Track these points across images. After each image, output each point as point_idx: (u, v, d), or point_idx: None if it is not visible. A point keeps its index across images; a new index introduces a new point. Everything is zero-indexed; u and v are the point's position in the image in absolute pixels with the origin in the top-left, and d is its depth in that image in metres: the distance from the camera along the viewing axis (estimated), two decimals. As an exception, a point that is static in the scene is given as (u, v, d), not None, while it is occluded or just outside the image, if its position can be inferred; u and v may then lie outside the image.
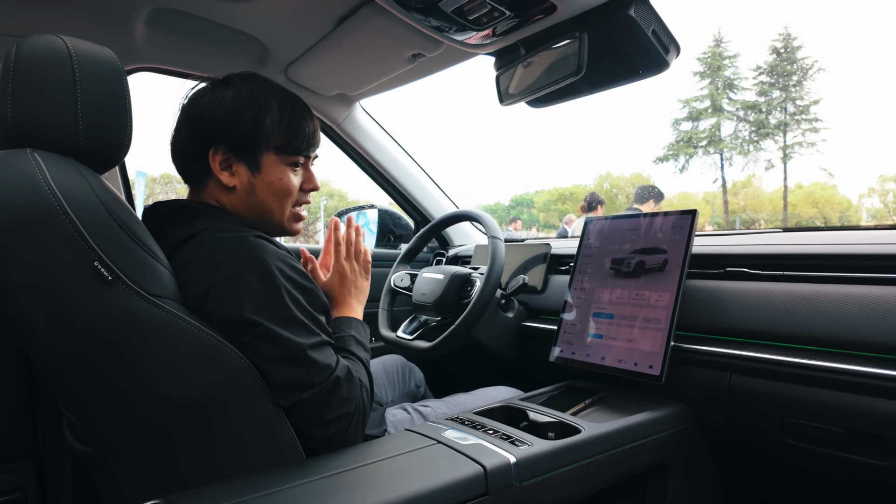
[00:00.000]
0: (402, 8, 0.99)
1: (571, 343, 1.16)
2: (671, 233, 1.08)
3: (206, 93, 0.86)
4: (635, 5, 0.94)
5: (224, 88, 0.85)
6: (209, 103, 0.84)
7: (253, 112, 0.84)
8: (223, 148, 0.84)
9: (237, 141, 0.84)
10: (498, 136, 69.84)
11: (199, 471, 0.70)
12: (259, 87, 0.86)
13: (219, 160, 0.84)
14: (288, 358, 0.73)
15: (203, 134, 0.84)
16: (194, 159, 0.86)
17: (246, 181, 0.86)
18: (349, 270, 1.03)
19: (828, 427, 0.85)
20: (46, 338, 0.63)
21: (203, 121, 0.84)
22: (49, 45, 0.68)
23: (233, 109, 0.83)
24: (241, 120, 0.83)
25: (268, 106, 0.85)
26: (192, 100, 0.86)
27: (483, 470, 0.71)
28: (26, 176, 0.63)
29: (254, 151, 0.85)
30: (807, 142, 26.25)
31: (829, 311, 0.87)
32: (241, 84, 0.85)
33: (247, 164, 0.85)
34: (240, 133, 0.84)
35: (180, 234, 0.79)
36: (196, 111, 0.84)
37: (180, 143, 0.87)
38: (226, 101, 0.84)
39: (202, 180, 0.87)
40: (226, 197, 0.87)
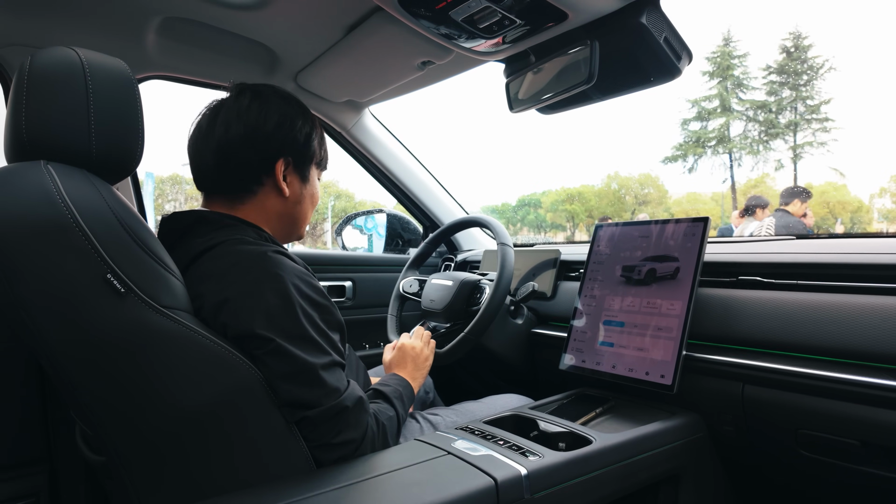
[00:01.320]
0: (411, 16, 0.99)
1: (582, 351, 1.15)
2: (683, 240, 1.07)
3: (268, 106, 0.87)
4: (647, 13, 0.93)
5: (284, 103, 0.89)
6: (282, 118, 0.87)
7: (308, 127, 0.90)
8: (291, 160, 0.88)
9: (301, 154, 0.90)
10: (505, 136, 69.79)
11: (211, 481, 0.70)
12: (297, 102, 0.92)
13: (282, 170, 0.87)
14: (298, 376, 0.72)
15: (276, 147, 0.86)
16: (255, 172, 0.87)
17: (297, 192, 0.90)
18: (410, 347, 1.17)
19: (843, 439, 0.84)
20: (59, 349, 0.64)
21: (279, 135, 0.86)
22: (62, 58, 0.68)
23: (303, 125, 0.89)
24: (308, 135, 0.90)
25: (315, 122, 0.93)
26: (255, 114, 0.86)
27: (494, 482, 0.71)
28: (40, 189, 0.63)
29: (308, 164, 0.91)
30: (817, 141, 26.03)
31: (845, 321, 0.86)
32: (293, 99, 0.91)
33: (300, 175, 0.91)
34: (306, 147, 0.90)
35: (199, 244, 0.79)
36: (271, 126, 0.86)
37: (240, 157, 0.85)
38: (295, 117, 0.88)
39: (250, 191, 0.87)
40: (274, 206, 0.89)
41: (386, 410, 0.88)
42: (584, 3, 0.92)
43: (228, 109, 0.86)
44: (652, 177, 36.41)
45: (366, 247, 2.12)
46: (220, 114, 0.86)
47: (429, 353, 1.18)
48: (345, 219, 2.11)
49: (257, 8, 1.14)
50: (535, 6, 0.91)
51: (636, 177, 36.56)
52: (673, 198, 36.95)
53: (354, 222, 2.11)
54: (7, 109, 0.69)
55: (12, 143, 0.69)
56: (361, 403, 0.78)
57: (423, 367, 1.15)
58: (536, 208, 42.18)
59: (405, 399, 0.97)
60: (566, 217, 39.42)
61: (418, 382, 1.11)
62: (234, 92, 0.89)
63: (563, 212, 39.27)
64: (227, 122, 0.85)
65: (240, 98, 0.87)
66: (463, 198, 1.98)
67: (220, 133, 0.85)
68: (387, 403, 0.91)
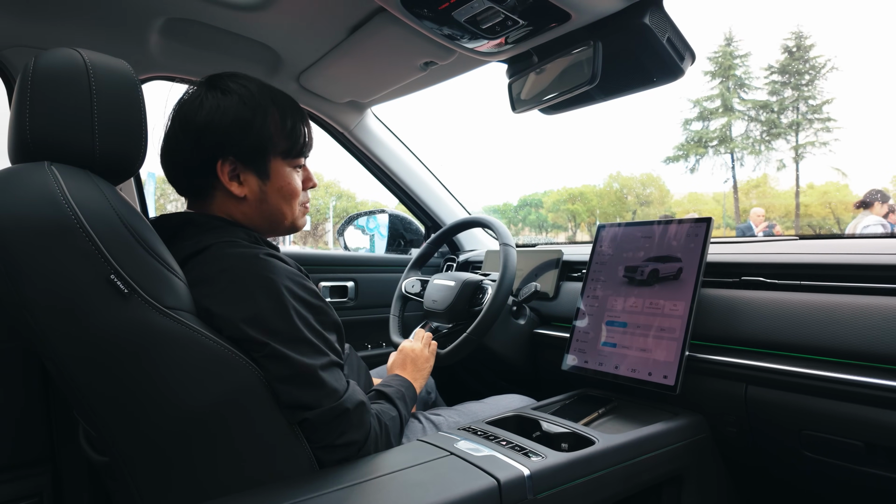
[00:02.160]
0: (414, 17, 0.99)
1: (584, 352, 1.15)
2: (686, 241, 1.07)
3: (201, 101, 0.81)
4: (650, 13, 0.93)
5: (222, 95, 0.81)
6: (212, 114, 0.80)
7: (259, 119, 0.81)
8: (231, 159, 0.81)
9: (246, 150, 0.81)
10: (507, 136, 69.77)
11: (215, 481, 0.70)
12: (257, 90, 0.83)
13: (227, 171, 0.81)
14: (296, 378, 0.72)
15: (210, 146, 0.80)
16: (198, 173, 0.83)
17: (256, 189, 0.84)
18: (410, 349, 1.17)
19: (847, 440, 0.84)
20: (64, 350, 0.64)
21: (209, 133, 0.80)
22: (66, 59, 0.69)
23: (239, 118, 0.80)
24: (249, 129, 0.81)
25: (271, 111, 0.83)
26: (189, 110, 0.81)
27: (497, 483, 0.71)
28: (44, 190, 0.63)
29: (262, 159, 0.83)
30: (819, 141, 25.97)
31: (848, 321, 0.85)
32: (239, 89, 0.82)
33: (256, 172, 0.83)
34: (249, 142, 0.81)
35: (187, 248, 0.77)
36: (199, 123, 0.80)
37: (181, 157, 0.83)
38: (231, 110, 0.80)
39: (207, 192, 0.84)
40: (235, 207, 0.85)
41: (388, 411, 0.88)
42: (587, 4, 0.92)
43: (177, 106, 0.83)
44: (654, 177, 36.37)
45: (368, 247, 2.12)
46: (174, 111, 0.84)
47: (429, 355, 1.18)
48: (347, 219, 2.11)
49: (260, 9, 1.14)
50: (538, 7, 0.91)
51: (638, 177, 36.53)
52: (675, 198, 36.92)
53: (356, 222, 2.11)
54: (11, 111, 0.69)
55: (16, 144, 0.69)
56: (363, 405, 0.78)
57: (424, 369, 1.15)
58: (538, 208, 42.16)
59: (407, 399, 0.96)
60: (568, 217, 39.40)
61: (420, 384, 1.11)
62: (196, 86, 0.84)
63: (565, 212, 39.24)
64: (171, 120, 0.83)
65: (192, 93, 0.83)
66: (464, 197, 1.98)
67: (167, 131, 0.84)
68: (389, 404, 0.91)
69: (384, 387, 0.96)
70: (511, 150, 66.63)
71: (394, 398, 0.92)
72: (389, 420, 0.86)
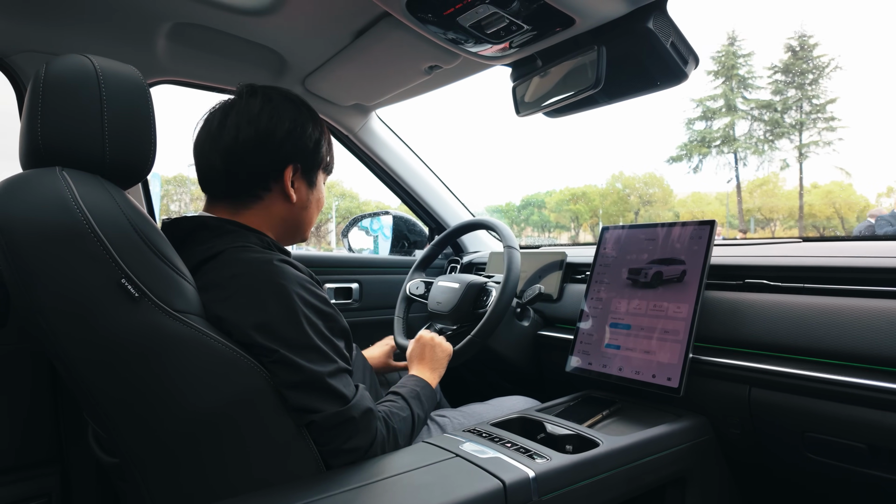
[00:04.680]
0: (419, 22, 0.99)
1: (588, 353, 1.16)
2: (689, 243, 1.07)
3: (279, 111, 0.86)
4: (654, 18, 0.93)
5: (293, 107, 0.88)
6: (293, 125, 0.86)
7: (318, 133, 0.90)
8: (299, 166, 0.88)
9: (311, 160, 0.90)
10: (509, 136, 69.71)
11: (224, 482, 0.71)
12: (307, 107, 0.91)
13: (290, 176, 0.87)
14: (305, 385, 0.73)
15: (287, 152, 0.86)
16: (263, 177, 0.86)
17: (304, 197, 0.91)
18: (427, 339, 1.18)
19: (850, 443, 0.84)
20: (75, 353, 0.65)
21: (290, 141, 0.86)
22: (77, 66, 0.69)
23: (313, 131, 0.89)
24: (317, 142, 0.90)
25: (323, 129, 0.93)
26: (267, 119, 0.85)
27: (502, 485, 0.71)
28: (56, 195, 0.64)
29: (316, 169, 0.92)
30: (823, 141, 25.90)
31: (852, 324, 0.86)
32: (304, 104, 0.90)
33: (307, 181, 0.91)
34: (315, 153, 0.90)
35: (200, 252, 0.78)
36: (283, 131, 0.85)
37: (249, 161, 0.84)
38: (306, 124, 0.88)
39: (255, 196, 0.87)
40: (279, 211, 0.88)
41: (400, 411, 0.89)
42: (591, 9, 0.93)
43: (238, 112, 0.85)
44: (657, 176, 36.31)
45: (372, 248, 2.13)
46: (229, 116, 0.85)
47: (447, 346, 1.19)
48: (351, 220, 2.12)
49: (266, 13, 1.15)
50: (543, 12, 0.92)
51: (641, 176, 36.48)
52: (678, 198, 36.84)
53: (360, 224, 2.12)
54: (22, 116, 0.70)
55: (28, 149, 0.70)
56: (370, 411, 0.78)
57: (442, 359, 1.16)
58: (540, 208, 42.13)
59: (423, 398, 0.97)
60: (570, 217, 39.35)
61: (438, 374, 1.12)
62: (245, 94, 0.87)
63: (568, 212, 39.21)
64: (237, 126, 0.84)
65: (250, 101, 0.86)
66: (467, 198, 1.99)
67: (229, 136, 0.84)
68: (403, 402, 0.92)
69: (399, 387, 0.97)
70: (514, 151, 66.57)
71: (407, 397, 0.93)
72: (399, 421, 0.86)
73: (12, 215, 0.63)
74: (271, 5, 1.12)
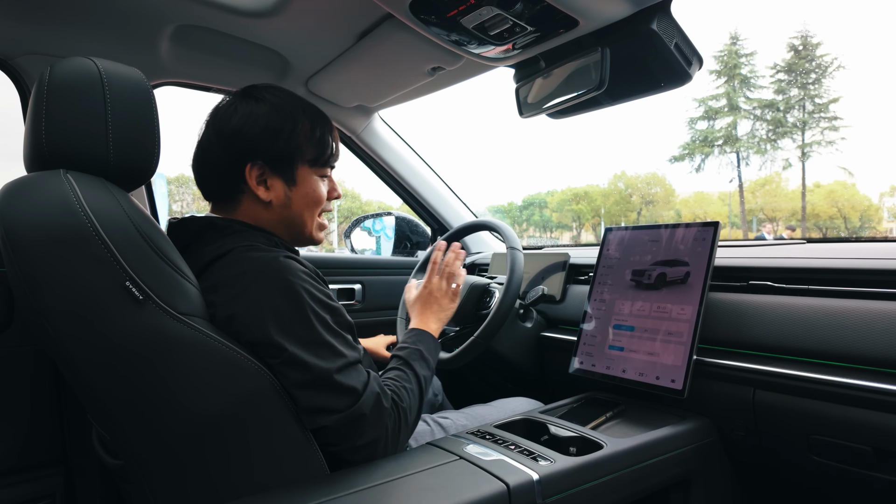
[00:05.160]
0: (422, 24, 0.99)
1: (591, 355, 1.15)
2: (693, 245, 1.07)
3: (236, 108, 0.85)
4: (658, 19, 0.93)
5: (255, 103, 0.85)
6: (244, 120, 0.83)
7: (289, 126, 0.85)
8: (260, 163, 0.84)
9: (275, 156, 0.85)
10: (511, 136, 69.68)
11: (228, 485, 0.71)
12: (289, 100, 0.87)
13: (255, 175, 0.84)
14: (314, 382, 0.73)
15: (241, 151, 0.83)
16: (229, 177, 0.85)
17: (282, 195, 0.87)
18: (436, 288, 1.11)
19: (855, 445, 0.84)
20: (79, 355, 0.65)
21: (240, 138, 0.83)
22: (81, 68, 0.70)
23: (270, 124, 0.84)
24: (278, 135, 0.84)
25: (300, 120, 0.86)
26: (224, 117, 0.85)
27: (506, 487, 0.71)
28: (60, 197, 0.64)
29: (290, 165, 0.86)
30: (826, 140, 25.83)
31: (857, 326, 0.85)
32: (272, 98, 0.86)
33: (283, 178, 0.86)
34: (278, 148, 0.84)
35: (209, 252, 0.79)
36: (231, 128, 0.83)
37: (212, 161, 0.86)
38: (262, 117, 0.84)
39: (234, 197, 0.87)
40: (261, 212, 0.87)
41: (406, 383, 0.88)
42: (594, 10, 0.93)
43: (211, 114, 0.87)
44: (659, 176, 36.27)
45: (374, 249, 2.13)
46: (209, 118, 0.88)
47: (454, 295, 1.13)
48: (353, 221, 2.12)
49: (269, 15, 1.15)
50: (546, 13, 0.92)
51: (643, 176, 36.43)
52: (680, 197, 36.79)
53: (363, 224, 2.12)
54: (27, 119, 0.70)
55: (32, 152, 0.70)
56: (379, 402, 0.78)
57: (448, 309, 1.11)
58: (542, 208, 42.10)
59: (427, 354, 0.96)
60: (572, 217, 39.32)
61: (441, 324, 1.08)
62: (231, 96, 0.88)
63: (569, 212, 39.17)
64: (206, 126, 0.86)
65: (226, 102, 0.87)
66: (468, 198, 1.99)
67: (202, 137, 0.87)
68: (408, 371, 0.90)
69: (401, 349, 0.96)
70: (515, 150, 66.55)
71: (411, 361, 0.92)
72: (408, 397, 0.85)
73: (17, 218, 0.64)
74: (274, 7, 1.12)
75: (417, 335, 1.01)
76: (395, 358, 0.94)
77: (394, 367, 0.92)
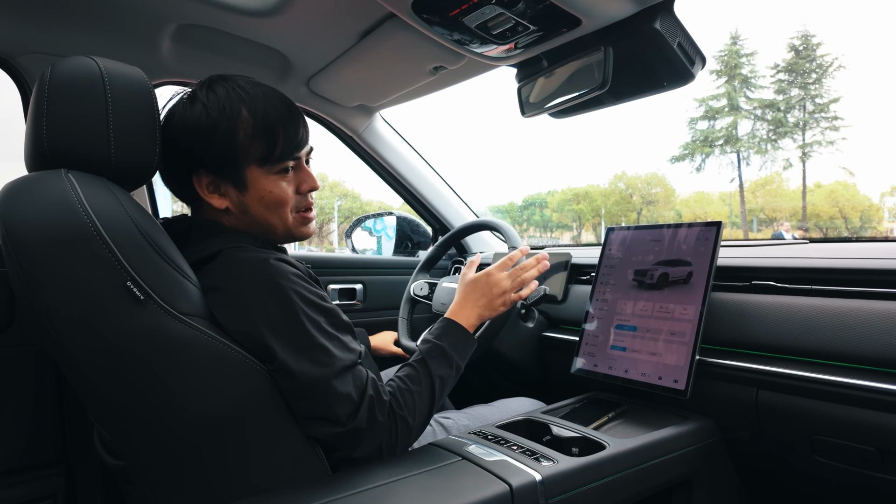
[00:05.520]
0: (424, 23, 0.99)
1: (594, 355, 1.15)
2: (696, 245, 1.07)
3: (175, 111, 0.79)
4: (661, 18, 0.93)
5: (191, 104, 0.78)
6: (179, 124, 0.78)
7: (224, 126, 0.76)
8: (205, 171, 0.79)
9: (216, 161, 0.78)
10: (511, 136, 69.69)
11: (229, 486, 0.71)
12: (225, 94, 0.77)
13: (205, 184, 0.79)
14: (308, 390, 0.71)
15: (181, 158, 0.79)
16: (182, 185, 0.81)
17: (236, 201, 0.81)
18: (497, 281, 1.00)
19: (859, 446, 0.84)
20: (80, 356, 0.65)
21: (178, 143, 0.78)
22: (82, 68, 0.69)
23: (202, 128, 0.76)
24: (213, 138, 0.76)
25: (237, 116, 0.77)
26: (165, 119, 0.80)
27: (509, 488, 0.71)
28: (61, 197, 0.64)
29: (235, 169, 0.78)
30: (826, 140, 25.84)
31: (860, 326, 0.85)
32: (206, 96, 0.77)
33: (233, 183, 0.79)
34: (216, 153, 0.77)
35: (195, 254, 0.77)
36: (170, 133, 0.78)
37: (164, 168, 0.82)
38: (192, 120, 0.77)
39: (197, 202, 0.83)
40: (225, 217, 0.82)
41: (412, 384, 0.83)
42: (597, 9, 0.93)
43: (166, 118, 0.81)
44: (659, 176, 36.26)
45: (375, 249, 2.13)
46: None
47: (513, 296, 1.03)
48: (355, 221, 2.12)
49: (271, 15, 1.15)
50: (549, 12, 0.91)
51: (643, 176, 36.41)
52: (680, 197, 36.77)
53: (364, 224, 2.12)
54: (28, 118, 0.70)
55: (33, 151, 0.70)
56: (373, 415, 0.75)
57: (497, 309, 1.01)
58: (542, 208, 42.08)
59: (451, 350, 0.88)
60: (572, 217, 39.32)
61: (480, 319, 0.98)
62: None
63: (570, 212, 39.16)
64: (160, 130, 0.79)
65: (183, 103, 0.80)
66: (469, 197, 1.98)
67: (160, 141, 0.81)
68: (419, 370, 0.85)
69: (423, 342, 0.89)
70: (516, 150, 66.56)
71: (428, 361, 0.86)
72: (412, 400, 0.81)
73: (18, 218, 0.64)
74: (276, 6, 1.12)
75: (445, 327, 0.92)
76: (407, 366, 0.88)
77: (409, 363, 0.87)
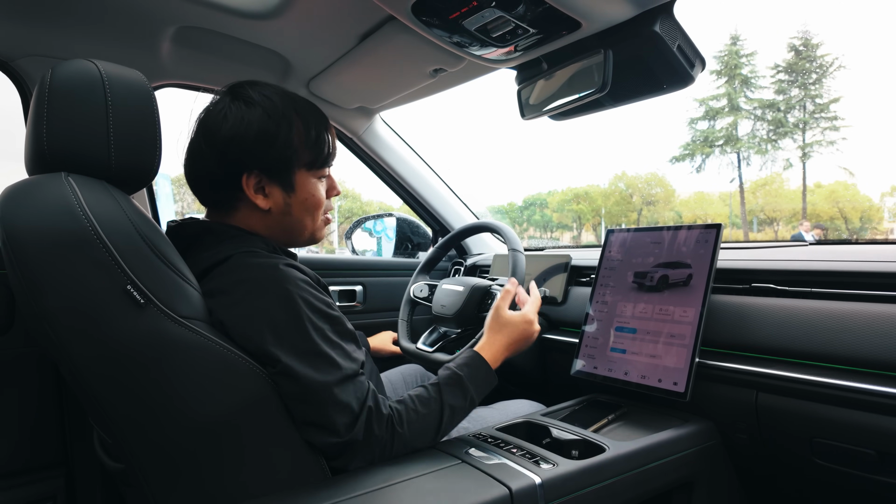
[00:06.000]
0: (424, 26, 0.99)
1: (593, 357, 1.15)
2: (695, 247, 1.07)
3: (225, 114, 0.80)
4: (661, 21, 0.93)
5: (245, 107, 0.80)
6: (237, 127, 0.79)
7: (284, 132, 0.81)
8: (257, 172, 0.81)
9: (272, 164, 0.81)
10: (511, 136, 69.70)
11: (225, 491, 0.71)
12: (280, 101, 0.82)
13: (253, 185, 0.81)
14: (309, 396, 0.71)
15: (235, 160, 0.80)
16: (224, 186, 0.82)
17: (281, 202, 0.84)
18: (534, 330, 1.04)
19: (858, 448, 0.84)
20: (80, 359, 0.65)
21: (234, 146, 0.79)
22: (82, 71, 0.69)
23: (264, 131, 0.79)
24: (273, 143, 0.80)
25: (295, 123, 0.82)
26: (214, 123, 0.80)
27: (509, 492, 0.71)
28: (62, 201, 0.64)
29: (287, 172, 0.83)
30: (826, 140, 25.83)
31: (860, 329, 0.85)
32: (263, 101, 0.81)
33: (281, 185, 0.83)
34: (274, 156, 0.81)
35: (207, 258, 0.78)
36: (223, 137, 0.79)
37: (206, 170, 0.82)
38: (255, 124, 0.79)
39: (231, 205, 0.84)
40: (259, 219, 0.84)
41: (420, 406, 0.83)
42: (597, 12, 0.93)
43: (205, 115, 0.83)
44: (659, 176, 36.26)
45: (375, 250, 2.13)
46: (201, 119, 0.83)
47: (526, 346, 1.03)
48: (355, 222, 2.12)
49: (271, 17, 1.15)
50: (549, 15, 0.91)
51: (643, 176, 36.40)
52: (680, 198, 36.78)
53: (364, 225, 2.12)
54: (28, 121, 0.70)
55: (33, 155, 0.70)
56: (370, 428, 0.75)
57: (521, 348, 1.02)
58: (542, 208, 42.08)
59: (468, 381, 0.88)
60: (572, 217, 39.31)
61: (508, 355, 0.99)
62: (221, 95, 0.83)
63: (570, 212, 39.16)
64: (197, 130, 0.82)
65: (217, 104, 0.82)
66: (468, 198, 1.98)
67: (190, 142, 0.83)
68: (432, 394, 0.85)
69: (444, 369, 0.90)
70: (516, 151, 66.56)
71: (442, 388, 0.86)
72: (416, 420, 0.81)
73: (18, 222, 0.64)
74: (276, 9, 1.12)
75: (470, 358, 0.93)
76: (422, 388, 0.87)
77: (425, 385, 0.87)
